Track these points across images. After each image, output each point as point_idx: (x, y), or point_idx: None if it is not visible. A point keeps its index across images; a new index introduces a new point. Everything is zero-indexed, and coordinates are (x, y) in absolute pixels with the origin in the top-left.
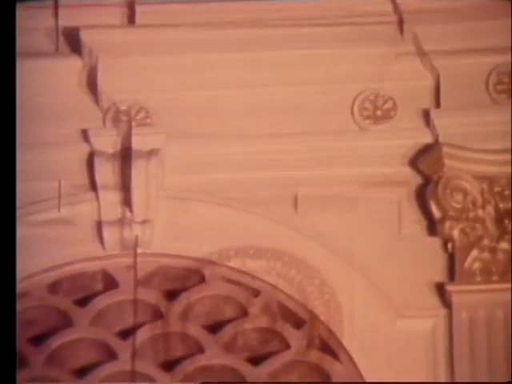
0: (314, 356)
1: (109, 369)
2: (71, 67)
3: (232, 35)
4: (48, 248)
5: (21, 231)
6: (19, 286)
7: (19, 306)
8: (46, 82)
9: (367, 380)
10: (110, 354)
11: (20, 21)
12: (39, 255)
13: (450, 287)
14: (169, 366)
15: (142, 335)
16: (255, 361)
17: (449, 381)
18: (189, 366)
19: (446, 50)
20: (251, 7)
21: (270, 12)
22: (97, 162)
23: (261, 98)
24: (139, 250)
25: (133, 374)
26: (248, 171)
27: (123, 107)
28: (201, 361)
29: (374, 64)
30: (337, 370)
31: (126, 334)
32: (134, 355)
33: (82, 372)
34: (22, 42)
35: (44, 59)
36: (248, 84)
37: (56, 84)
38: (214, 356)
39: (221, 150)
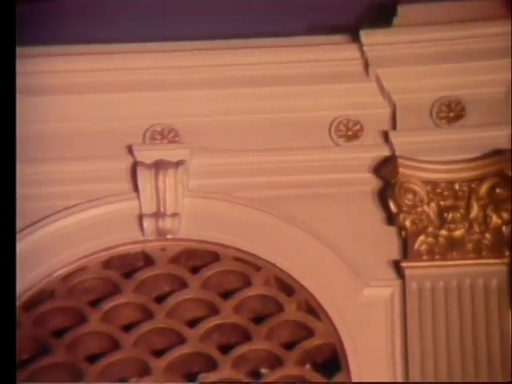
0: (301, 316)
1: (148, 325)
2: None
3: (240, 75)
4: (102, 234)
5: (79, 222)
6: (79, 263)
7: (78, 278)
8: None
9: (340, 333)
10: (148, 314)
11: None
12: (94, 239)
13: (403, 264)
14: (192, 323)
15: (173, 300)
16: (257, 320)
17: (401, 332)
18: (207, 324)
19: (401, 87)
20: (253, 54)
21: (268, 57)
22: (138, 170)
23: (262, 122)
24: (169, 236)
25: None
26: (255, 176)
27: (158, 128)
28: (216, 320)
29: (347, 97)
30: (318, 327)
31: (160, 299)
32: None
33: (127, 327)
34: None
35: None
36: (252, 111)
37: (105, 112)
38: (226, 316)
39: (232, 160)
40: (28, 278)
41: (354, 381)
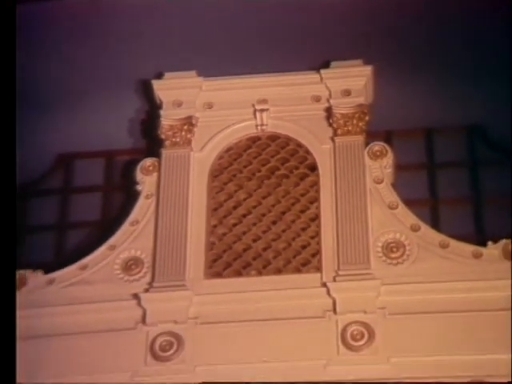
0: (304, 153)
1: (259, 159)
2: None
3: (280, 82)
4: (242, 131)
5: (236, 129)
6: (237, 140)
7: (238, 145)
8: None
9: (316, 157)
10: (259, 154)
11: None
12: (241, 133)
13: (335, 138)
14: (272, 155)
15: (268, 149)
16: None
17: (333, 153)
18: (277, 155)
19: (333, 85)
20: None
21: (287, 77)
22: (257, 112)
23: (288, 96)
24: (265, 129)
25: None
26: (293, 112)
27: (261, 99)
28: (279, 156)
29: (316, 87)
30: (309, 157)
31: (262, 150)
32: None
33: (250, 161)
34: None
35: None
36: (284, 96)
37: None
38: (282, 154)
39: (284, 108)
40: (221, 146)
41: (322, 180)
